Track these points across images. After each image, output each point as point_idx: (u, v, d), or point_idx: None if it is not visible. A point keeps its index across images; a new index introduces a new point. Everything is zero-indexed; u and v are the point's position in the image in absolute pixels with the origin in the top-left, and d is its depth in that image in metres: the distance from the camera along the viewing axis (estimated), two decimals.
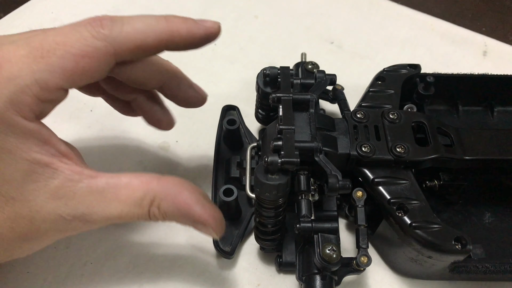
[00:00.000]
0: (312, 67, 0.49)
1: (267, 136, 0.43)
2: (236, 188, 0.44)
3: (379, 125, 0.43)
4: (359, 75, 0.60)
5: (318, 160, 0.37)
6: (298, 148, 0.37)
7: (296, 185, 0.39)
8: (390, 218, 0.40)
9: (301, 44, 0.62)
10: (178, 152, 0.54)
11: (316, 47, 0.62)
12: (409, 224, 0.38)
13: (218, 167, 0.49)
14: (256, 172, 0.36)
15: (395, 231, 0.40)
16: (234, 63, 0.62)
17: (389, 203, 0.39)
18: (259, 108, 0.50)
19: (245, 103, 0.55)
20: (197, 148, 0.54)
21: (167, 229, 0.47)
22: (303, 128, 0.40)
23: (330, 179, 0.36)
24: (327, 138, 0.41)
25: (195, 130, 0.55)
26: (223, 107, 0.54)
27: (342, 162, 0.41)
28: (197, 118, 0.56)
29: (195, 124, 0.56)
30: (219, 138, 0.51)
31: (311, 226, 0.38)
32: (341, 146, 0.41)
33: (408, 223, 0.38)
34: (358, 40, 0.63)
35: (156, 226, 0.47)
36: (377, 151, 0.41)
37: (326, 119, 0.43)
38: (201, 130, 0.55)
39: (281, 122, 0.39)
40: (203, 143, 0.54)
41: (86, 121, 0.55)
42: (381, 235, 0.43)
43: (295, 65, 0.52)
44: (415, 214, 0.38)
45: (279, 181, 0.35)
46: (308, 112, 0.41)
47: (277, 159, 0.35)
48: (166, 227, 0.47)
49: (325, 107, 0.55)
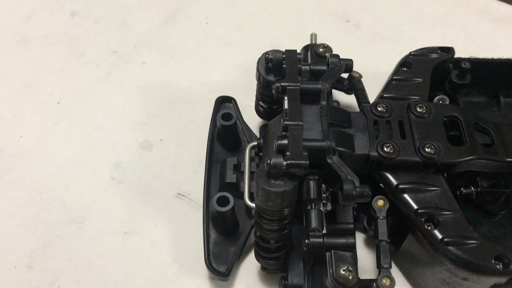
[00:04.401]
0: (323, 50, 0.49)
1: (269, 133, 0.43)
2: (232, 196, 0.44)
3: (404, 120, 0.43)
4: (380, 60, 0.60)
5: (331, 162, 0.38)
6: (307, 148, 0.37)
7: (304, 192, 0.39)
8: (418, 232, 0.40)
9: (311, 23, 0.63)
10: (163, 153, 0.54)
11: (329, 27, 0.63)
12: (441, 240, 0.38)
13: (211, 171, 0.49)
14: (257, 177, 0.36)
15: (423, 247, 0.40)
16: (230, 46, 0.62)
17: (417, 214, 0.40)
18: (260, 100, 0.50)
19: (243, 94, 0.55)
20: (185, 148, 0.54)
21: (149, 244, 0.48)
22: (313, 124, 0.40)
23: (346, 186, 0.36)
24: (341, 136, 0.41)
25: (183, 126, 0.56)
26: (217, 99, 0.54)
27: (359, 165, 0.42)
28: (185, 112, 0.56)
29: (183, 119, 0.56)
30: (212, 136, 0.51)
31: (323, 242, 0.38)
32: (359, 146, 0.41)
33: (439, 238, 0.38)
34: (379, 18, 0.64)
35: (136, 239, 0.48)
36: (402, 152, 0.41)
37: (340, 113, 0.43)
38: (191, 126, 0.55)
39: (287, 116, 0.39)
40: (192, 142, 0.54)
41: (52, 115, 0.56)
42: (407, 252, 0.43)
43: (303, 48, 0.52)
44: (447, 227, 0.38)
45: (284, 187, 0.35)
46: (319, 105, 0.41)
47: (282, 161, 0.35)
48: (149, 242, 0.48)
49: (339, 98, 0.55)
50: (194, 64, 0.61)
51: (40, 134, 0.54)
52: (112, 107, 0.57)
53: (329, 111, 0.41)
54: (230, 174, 0.48)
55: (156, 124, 0.56)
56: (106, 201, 0.51)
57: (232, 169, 0.48)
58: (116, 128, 0.55)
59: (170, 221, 0.49)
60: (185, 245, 0.48)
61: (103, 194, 0.51)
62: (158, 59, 0.61)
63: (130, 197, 0.51)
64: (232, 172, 0.48)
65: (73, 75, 0.60)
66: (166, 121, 0.56)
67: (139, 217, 0.50)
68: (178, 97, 0.58)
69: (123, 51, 0.62)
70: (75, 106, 0.57)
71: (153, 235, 0.49)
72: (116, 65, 0.60)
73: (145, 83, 0.59)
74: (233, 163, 0.48)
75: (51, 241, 0.47)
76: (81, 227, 0.49)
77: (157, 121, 0.56)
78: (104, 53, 0.61)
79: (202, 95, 0.57)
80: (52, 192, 0.51)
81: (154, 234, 0.49)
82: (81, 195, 0.51)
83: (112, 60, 0.61)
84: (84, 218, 0.49)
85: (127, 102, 0.58)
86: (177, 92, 0.58)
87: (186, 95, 0.58)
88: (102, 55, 0.61)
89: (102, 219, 0.49)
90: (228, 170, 0.48)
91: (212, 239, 0.46)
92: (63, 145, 0.54)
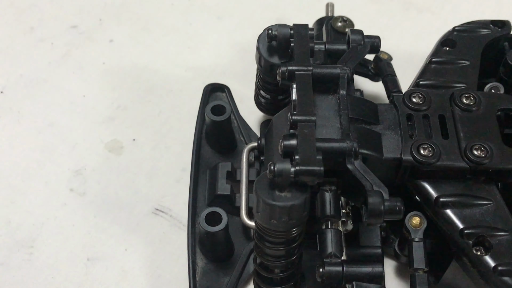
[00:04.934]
0: (343, 25, 0.50)
1: (273, 131, 0.43)
2: (225, 213, 0.44)
3: (447, 114, 0.43)
4: (416, 37, 0.61)
5: (353, 168, 0.37)
6: (321, 150, 0.37)
7: (318, 207, 0.39)
8: (464, 259, 0.40)
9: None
10: (136, 157, 0.54)
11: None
12: (493, 268, 0.38)
13: (198, 180, 0.49)
14: (257, 188, 0.36)
15: (471, 278, 0.40)
16: (222, 19, 0.63)
17: (463, 236, 0.39)
18: (261, 89, 0.50)
19: (240, 81, 0.56)
20: (165, 150, 0.54)
21: (118, 274, 0.48)
22: (330, 120, 0.40)
23: (371, 199, 0.36)
24: (366, 135, 0.41)
25: (162, 122, 0.56)
26: (206, 87, 0.54)
27: (389, 172, 0.42)
28: (165, 104, 0.56)
29: (163, 113, 0.56)
30: (199, 134, 0.51)
31: (342, 271, 0.38)
32: (388, 147, 0.41)
33: (491, 266, 0.38)
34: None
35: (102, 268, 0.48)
36: (444, 155, 0.41)
37: (364, 106, 0.43)
38: (172, 123, 0.55)
39: (295, 110, 0.39)
40: (174, 142, 0.54)
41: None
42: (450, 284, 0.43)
43: (317, 22, 0.53)
44: (502, 252, 0.38)
45: (292, 201, 0.35)
46: (336, 95, 0.41)
47: (289, 167, 0.35)
48: (118, 271, 0.48)
49: (363, 87, 0.55)
50: (177, 43, 0.61)
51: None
52: (71, 97, 0.57)
53: (350, 102, 0.41)
54: (222, 184, 0.48)
55: (127, 120, 0.56)
56: (63, 219, 0.50)
57: (225, 177, 0.48)
58: (75, 124, 0.55)
59: (145, 244, 0.49)
60: (164, 275, 0.48)
61: (59, 210, 0.51)
62: (130, 36, 0.61)
63: (94, 213, 0.51)
64: (225, 182, 0.48)
65: (21, 57, 0.59)
66: (140, 116, 0.56)
67: (106, 239, 0.50)
68: (156, 85, 0.58)
69: (85, 26, 0.62)
70: (23, 96, 0.57)
71: (124, 263, 0.48)
72: (76, 44, 0.61)
73: (113, 67, 0.59)
74: (227, 170, 0.48)
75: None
76: (31, 252, 0.49)
77: (129, 116, 0.56)
78: (61, 29, 0.61)
79: (186, 83, 0.58)
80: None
81: (124, 261, 0.48)
82: (30, 212, 0.51)
83: (70, 38, 0.61)
84: (35, 241, 0.49)
85: (90, 91, 0.58)
86: (154, 78, 0.58)
87: (166, 82, 0.58)
88: (58, 31, 0.61)
89: (58, 242, 0.49)
90: (220, 179, 0.48)
91: (200, 268, 0.46)
92: (7, 147, 0.54)
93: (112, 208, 0.51)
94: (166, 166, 0.53)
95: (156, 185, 0.52)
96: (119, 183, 0.52)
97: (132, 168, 0.53)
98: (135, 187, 0.52)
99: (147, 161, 0.54)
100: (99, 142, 0.55)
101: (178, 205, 0.51)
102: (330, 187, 0.39)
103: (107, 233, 0.50)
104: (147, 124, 0.56)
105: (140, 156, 0.54)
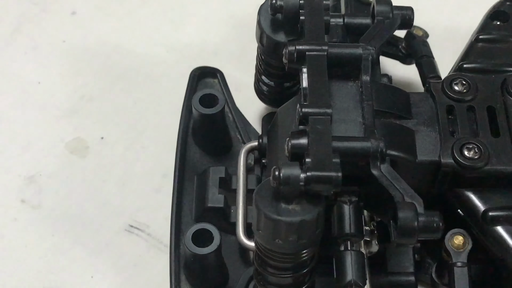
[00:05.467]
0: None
1: (278, 128, 0.43)
2: (217, 230, 0.44)
3: (498, 106, 0.43)
4: (458, 9, 0.61)
5: (379, 174, 0.38)
6: (339, 151, 0.37)
7: (335, 223, 0.39)
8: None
9: None
10: (105, 160, 0.54)
11: None
12: None
13: (182, 189, 0.49)
14: (258, 199, 0.36)
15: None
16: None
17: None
18: (262, 74, 0.50)
19: (236, 64, 0.56)
20: (141, 151, 0.54)
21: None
22: (349, 113, 0.40)
23: (402, 212, 0.36)
24: (395, 132, 0.41)
25: (137, 116, 0.56)
26: (193, 72, 0.55)
27: (425, 178, 0.42)
28: (141, 94, 0.57)
29: (138, 104, 0.56)
30: (184, 132, 0.52)
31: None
32: (424, 148, 0.41)
33: None
34: None
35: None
36: (494, 157, 0.41)
37: (393, 95, 0.43)
38: (150, 117, 0.55)
39: (307, 100, 0.39)
40: (153, 141, 0.54)
41: None
42: None
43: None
44: None
45: (301, 215, 0.35)
46: (358, 82, 0.41)
47: (299, 173, 0.35)
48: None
49: (392, 71, 0.55)
50: (156, 16, 0.61)
51: None
52: (23, 85, 0.57)
53: (375, 91, 0.41)
54: (214, 194, 0.48)
55: (93, 114, 0.56)
56: (13, 238, 0.50)
57: (217, 185, 0.48)
58: (28, 119, 0.55)
59: (116, 270, 0.49)
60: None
61: (7, 226, 0.51)
62: (97, 7, 0.61)
63: (51, 231, 0.50)
64: (218, 191, 0.48)
65: None
66: (109, 108, 0.56)
67: (67, 263, 0.49)
68: (130, 70, 0.58)
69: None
70: None
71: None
72: (29, 17, 0.60)
73: (75, 47, 0.59)
74: (219, 176, 0.48)
75: None
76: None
77: (96, 109, 0.56)
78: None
79: (168, 66, 0.58)
80: None
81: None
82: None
83: (22, 10, 0.61)
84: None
85: (46, 77, 0.58)
86: (128, 61, 0.59)
87: (143, 65, 0.58)
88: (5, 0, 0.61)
89: (7, 267, 0.49)
90: (210, 188, 0.48)
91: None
92: None
93: (74, 224, 0.51)
94: (142, 172, 0.53)
95: (130, 196, 0.52)
96: (83, 193, 0.52)
97: (99, 173, 0.53)
98: (104, 197, 0.52)
99: (118, 165, 0.54)
100: (58, 141, 0.54)
101: (157, 220, 0.51)
102: (350, 198, 0.39)
103: (69, 256, 0.50)
104: (119, 118, 0.56)
105: (110, 159, 0.54)
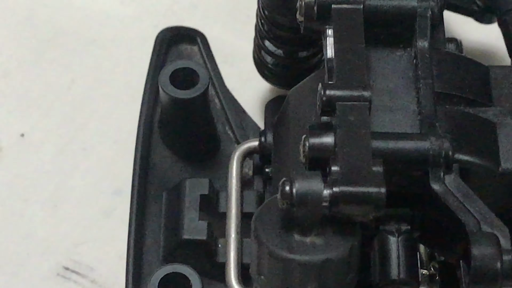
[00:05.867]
0: None
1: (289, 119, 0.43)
2: (197, 275, 0.42)
3: None
4: None
5: (442, 191, 0.36)
6: (382, 155, 0.36)
7: (376, 265, 0.37)
8: None
9: None
10: (27, 167, 0.52)
11: None
12: None
13: (144, 211, 0.47)
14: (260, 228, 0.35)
15: None
16: None
17: None
18: (266, 39, 0.49)
19: (224, 23, 0.57)
20: (81, 154, 0.53)
21: None
22: (398, 97, 0.39)
23: (477, 249, 0.34)
24: (468, 127, 0.39)
25: (75, 102, 0.55)
26: (161, 35, 0.53)
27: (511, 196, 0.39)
28: (83, 67, 0.56)
29: (78, 84, 0.55)
30: (147, 125, 0.49)
31: None
32: (510, 150, 0.39)
33: None
34: None
35: None
36: None
37: (465, 71, 0.41)
38: (93, 103, 0.54)
39: (333, 78, 0.38)
40: (100, 140, 0.53)
41: None
42: None
43: None
44: None
45: (326, 253, 0.34)
46: (411, 49, 0.40)
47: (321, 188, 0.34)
48: None
49: (462, 34, 0.55)
50: None
51: None
52: None
53: (436, 64, 0.40)
54: (192, 221, 0.45)
55: (9, 98, 0.55)
56: None
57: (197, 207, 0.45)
58: None
59: None
60: None
61: None
62: None
63: None
64: (198, 216, 0.45)
65: None
66: (33, 89, 0.55)
67: None
68: (66, 33, 0.58)
69: None
70: None
71: None
72: None
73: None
74: (200, 193, 0.46)
75: None
76: None
77: (13, 90, 0.55)
78: None
79: (124, 27, 0.58)
80: None
81: None
82: None
83: None
84: None
85: None
86: (62, 18, 0.58)
87: (85, 25, 0.58)
88: None
89: None
90: (187, 211, 0.45)
91: None
92: None
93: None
94: (84, 186, 0.51)
95: (64, 223, 0.50)
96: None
97: (18, 189, 0.51)
98: (25, 225, 0.50)
99: (47, 175, 0.51)
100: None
101: (106, 260, 0.49)
102: (399, 226, 0.38)
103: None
104: (48, 105, 0.53)
105: (34, 167, 0.52)
